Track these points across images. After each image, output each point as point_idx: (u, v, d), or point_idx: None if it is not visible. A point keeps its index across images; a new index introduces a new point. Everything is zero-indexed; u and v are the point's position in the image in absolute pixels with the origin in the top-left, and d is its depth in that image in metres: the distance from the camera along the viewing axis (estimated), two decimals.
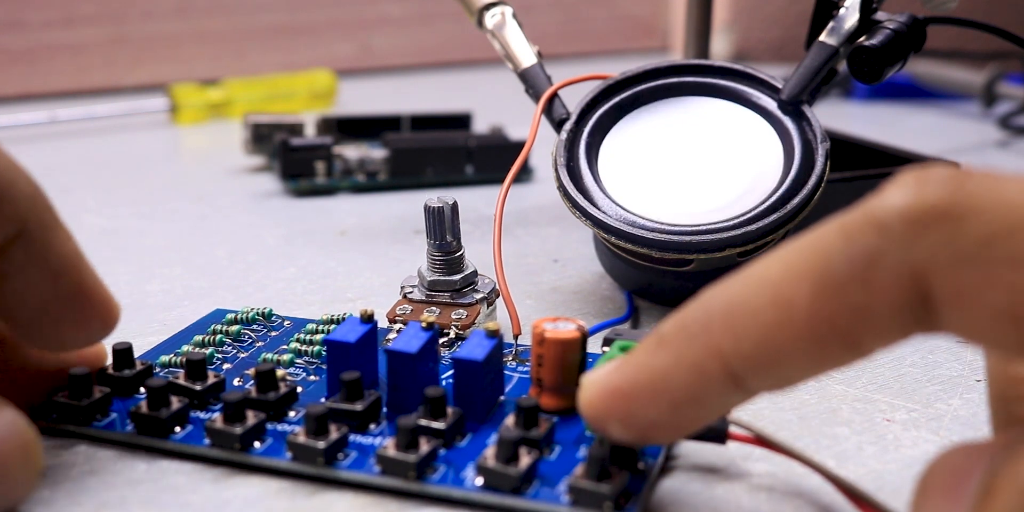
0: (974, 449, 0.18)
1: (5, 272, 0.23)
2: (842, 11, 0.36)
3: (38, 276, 0.23)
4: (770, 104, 0.35)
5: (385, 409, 0.27)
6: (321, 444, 0.24)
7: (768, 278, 0.18)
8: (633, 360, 0.20)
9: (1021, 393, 0.20)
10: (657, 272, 0.34)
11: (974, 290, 0.17)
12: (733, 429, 0.25)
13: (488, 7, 0.39)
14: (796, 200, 0.32)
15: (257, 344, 0.31)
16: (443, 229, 0.32)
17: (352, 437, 0.25)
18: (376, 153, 0.51)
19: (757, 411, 0.28)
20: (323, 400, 0.27)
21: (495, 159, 0.51)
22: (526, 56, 0.38)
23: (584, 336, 0.26)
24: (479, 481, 0.24)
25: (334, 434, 0.24)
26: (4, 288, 0.23)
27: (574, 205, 0.33)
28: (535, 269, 0.40)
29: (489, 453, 0.24)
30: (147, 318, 0.35)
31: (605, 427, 0.21)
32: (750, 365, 0.19)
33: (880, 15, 0.36)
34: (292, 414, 0.27)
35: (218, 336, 0.31)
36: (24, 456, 0.22)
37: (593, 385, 0.21)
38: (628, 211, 0.33)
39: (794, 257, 0.18)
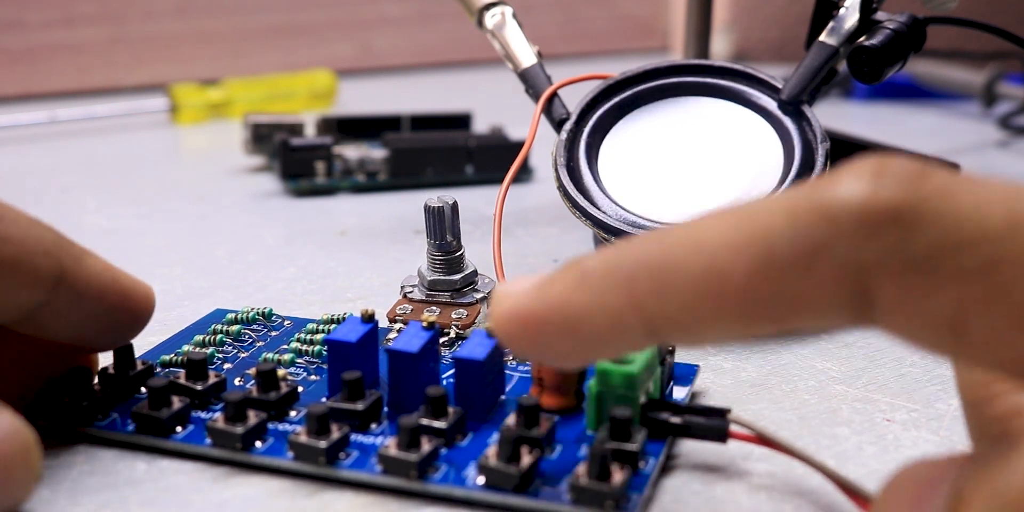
0: (940, 462, 0.18)
1: (58, 311, 0.25)
2: (842, 11, 0.36)
3: (86, 304, 0.26)
4: (770, 104, 0.35)
5: (386, 409, 0.27)
6: (323, 444, 0.24)
7: (705, 243, 0.18)
8: (553, 291, 0.19)
9: (990, 395, 0.20)
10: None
11: (917, 298, 0.16)
12: (734, 428, 0.25)
13: (488, 7, 0.39)
14: None
15: (257, 344, 0.31)
16: (443, 229, 0.32)
17: (353, 437, 0.26)
18: (376, 153, 0.51)
19: (757, 411, 0.28)
20: (324, 400, 0.27)
21: (495, 159, 0.51)
22: (526, 56, 0.38)
23: None
24: (481, 480, 0.24)
25: (336, 434, 0.24)
26: (60, 322, 0.25)
27: (574, 205, 0.34)
28: (535, 269, 0.40)
29: (491, 452, 0.24)
30: None
31: (511, 345, 0.20)
32: (671, 325, 0.18)
33: (880, 15, 0.36)
34: (293, 414, 0.27)
35: (218, 336, 0.31)
36: (24, 458, 0.22)
37: (508, 302, 0.20)
38: (628, 211, 0.33)
39: (734, 227, 0.17)
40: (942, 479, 0.17)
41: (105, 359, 0.28)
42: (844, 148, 0.45)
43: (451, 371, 0.29)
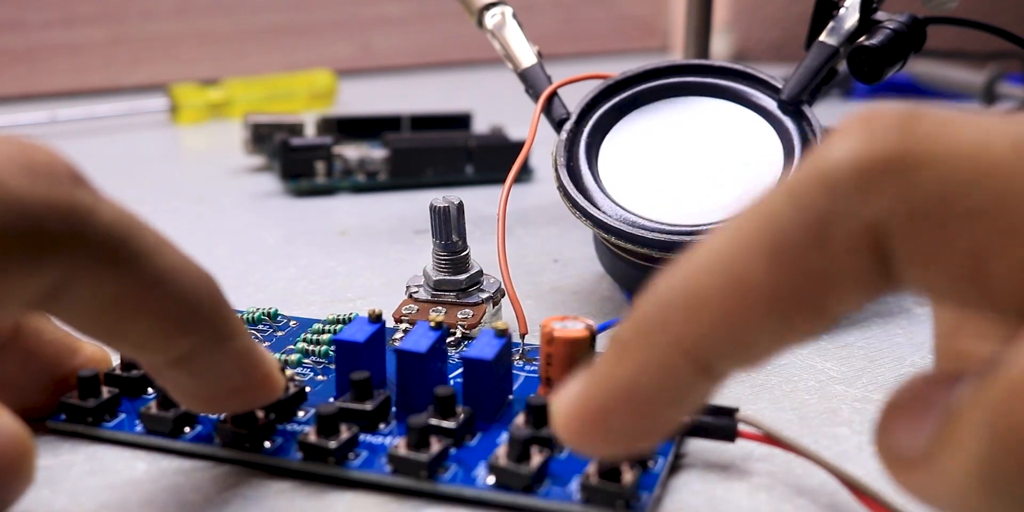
0: (939, 376, 0.17)
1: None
2: (842, 11, 0.36)
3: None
4: (770, 104, 0.35)
5: (394, 409, 0.27)
6: (333, 444, 0.24)
7: (719, 256, 0.17)
8: (598, 374, 0.18)
9: (959, 332, 0.19)
10: (657, 272, 0.34)
11: (934, 247, 0.15)
12: (742, 427, 0.25)
13: (488, 7, 0.39)
14: None
15: (263, 344, 0.31)
16: (449, 229, 0.33)
17: (361, 437, 0.26)
18: (376, 153, 0.51)
19: (757, 411, 0.28)
20: (331, 400, 0.27)
21: (495, 159, 0.51)
22: (526, 56, 0.38)
23: (593, 335, 0.26)
24: (491, 480, 0.24)
25: (345, 434, 0.25)
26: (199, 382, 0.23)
27: (574, 205, 0.34)
28: (535, 269, 0.40)
29: (500, 452, 0.24)
30: None
31: (588, 449, 0.19)
32: (717, 350, 0.17)
33: (880, 15, 0.36)
34: (301, 414, 0.27)
35: None
36: (21, 461, 0.22)
37: (564, 408, 0.18)
38: (628, 211, 0.33)
39: (743, 229, 0.17)
40: (939, 393, 0.16)
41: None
42: None
43: (458, 371, 0.29)
